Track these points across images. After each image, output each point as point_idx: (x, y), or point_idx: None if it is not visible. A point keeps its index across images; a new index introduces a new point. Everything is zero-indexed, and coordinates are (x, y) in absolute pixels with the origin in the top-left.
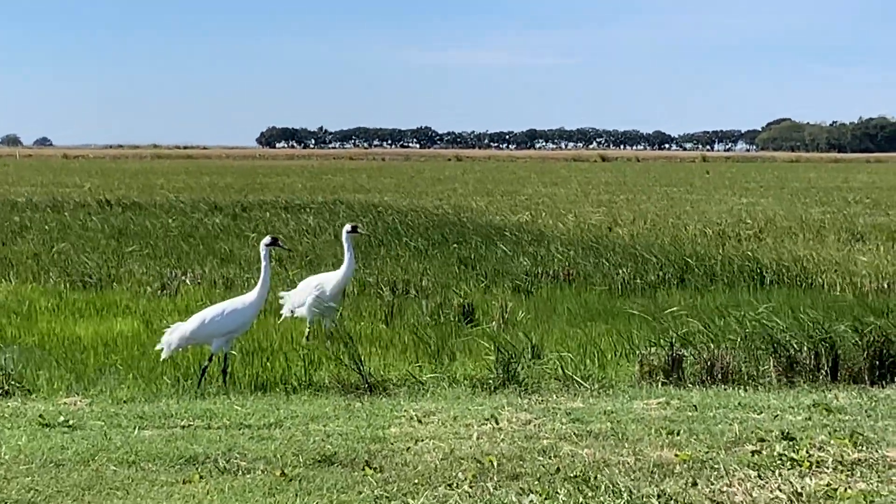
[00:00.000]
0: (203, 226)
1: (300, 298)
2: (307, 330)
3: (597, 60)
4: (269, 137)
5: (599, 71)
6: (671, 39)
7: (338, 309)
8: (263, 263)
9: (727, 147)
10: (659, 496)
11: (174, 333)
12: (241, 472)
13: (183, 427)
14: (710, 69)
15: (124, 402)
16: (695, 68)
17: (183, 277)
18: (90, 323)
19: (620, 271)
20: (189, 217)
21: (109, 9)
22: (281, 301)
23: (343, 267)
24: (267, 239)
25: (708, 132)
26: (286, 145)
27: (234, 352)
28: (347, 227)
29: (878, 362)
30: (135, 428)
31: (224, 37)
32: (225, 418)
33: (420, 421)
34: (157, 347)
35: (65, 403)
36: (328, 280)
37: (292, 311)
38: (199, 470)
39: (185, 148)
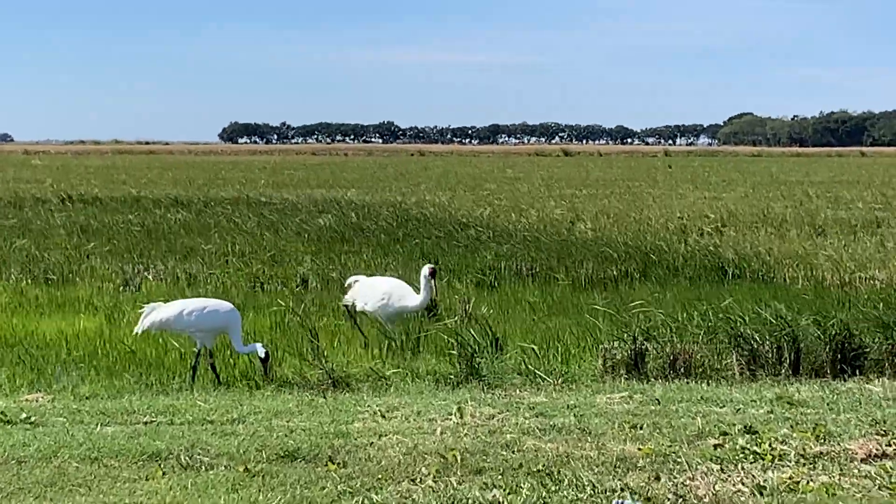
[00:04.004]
0: (165, 222)
1: (367, 297)
2: (390, 330)
3: (559, 56)
4: (232, 133)
5: (562, 66)
6: (633, 36)
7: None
8: None
9: (689, 141)
10: (622, 490)
11: (151, 315)
12: (204, 468)
13: (145, 423)
14: (672, 65)
15: (87, 398)
16: (657, 64)
17: (145, 273)
18: (52, 319)
19: (583, 266)
20: (151, 213)
21: (69, 4)
22: (347, 284)
23: (419, 298)
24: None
25: (670, 127)
26: (248, 141)
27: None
28: (426, 270)
29: (840, 356)
30: (97, 424)
31: (185, 32)
32: (188, 414)
33: (383, 416)
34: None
35: (27, 400)
36: (399, 297)
37: (354, 303)
38: (162, 466)
39: (147, 143)
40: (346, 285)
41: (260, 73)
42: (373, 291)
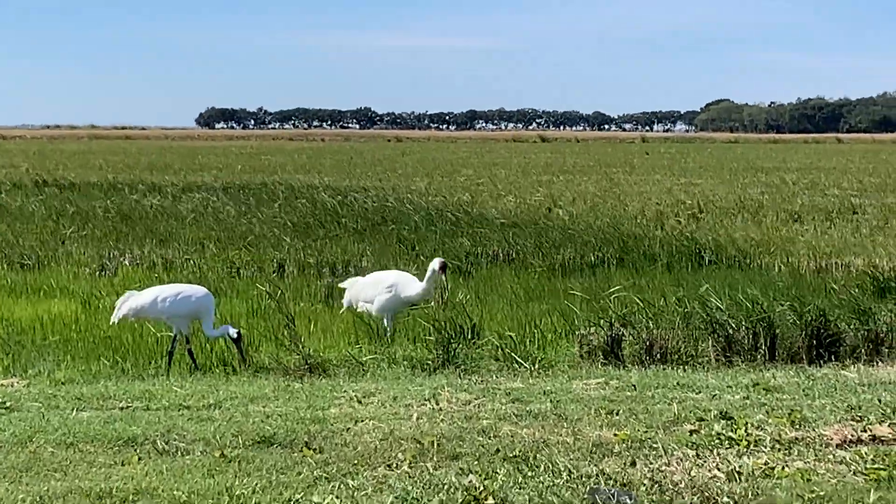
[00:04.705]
0: (142, 207)
1: (368, 294)
2: (388, 328)
3: (537, 41)
4: (209, 118)
5: (539, 52)
6: (611, 21)
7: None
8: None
9: (666, 128)
10: (598, 476)
11: (126, 303)
12: (180, 454)
13: (121, 408)
14: (649, 51)
15: (62, 383)
16: (634, 50)
17: (122, 259)
18: (28, 304)
19: (560, 252)
20: (128, 198)
21: None
22: (342, 287)
23: (422, 287)
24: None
25: (647, 113)
26: (225, 126)
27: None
28: (436, 264)
29: (815, 342)
30: (73, 409)
31: (163, 17)
32: (164, 399)
33: (360, 402)
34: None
35: (1, 385)
36: (404, 287)
37: (354, 305)
38: (138, 451)
39: (124, 128)
40: (340, 286)
41: (237, 59)
42: (377, 286)
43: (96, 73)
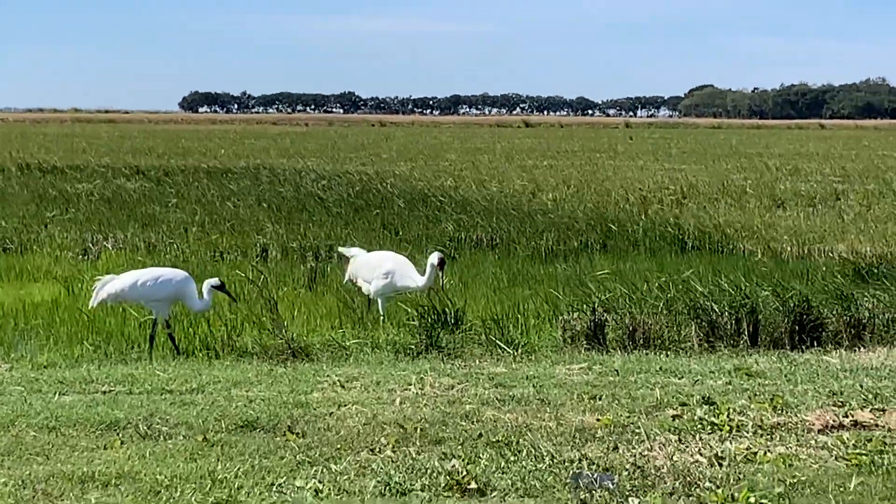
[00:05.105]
0: (125, 190)
1: (366, 275)
2: (381, 312)
3: (521, 26)
4: (192, 102)
5: (523, 37)
6: (595, 6)
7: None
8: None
9: (650, 113)
10: (580, 460)
11: (105, 288)
12: (162, 438)
13: (104, 392)
14: (633, 36)
15: (45, 367)
16: (618, 35)
17: (105, 242)
18: (10, 288)
19: (544, 237)
20: (111, 182)
21: None
22: (345, 253)
23: (423, 280)
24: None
25: (631, 98)
26: (209, 110)
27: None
28: (434, 259)
29: (797, 327)
30: (55, 393)
31: None
32: (146, 383)
33: (343, 386)
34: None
35: None
36: (401, 277)
37: (354, 280)
38: (121, 435)
39: (107, 112)
40: (345, 256)
41: (221, 42)
42: (374, 270)
43: (79, 56)
